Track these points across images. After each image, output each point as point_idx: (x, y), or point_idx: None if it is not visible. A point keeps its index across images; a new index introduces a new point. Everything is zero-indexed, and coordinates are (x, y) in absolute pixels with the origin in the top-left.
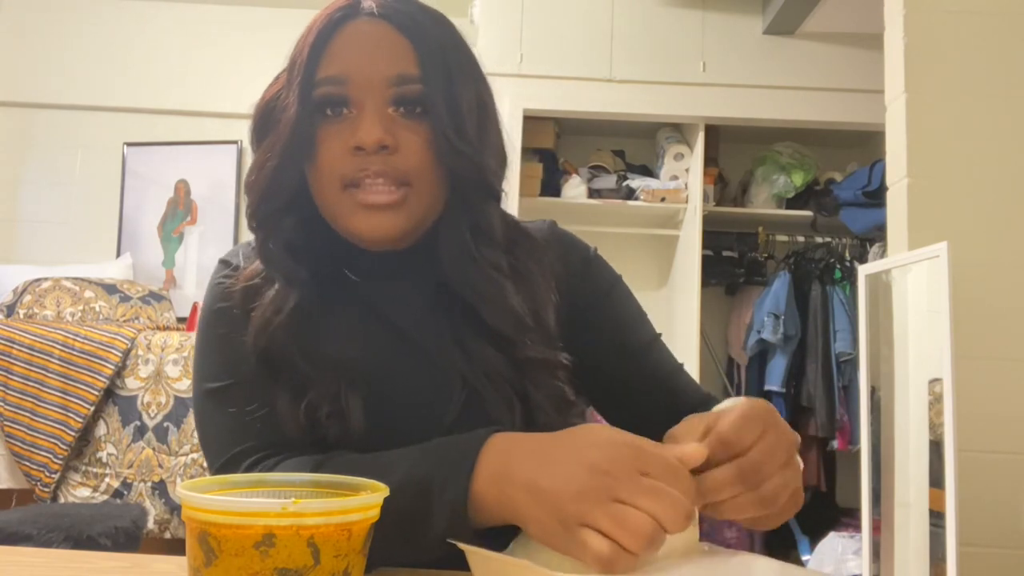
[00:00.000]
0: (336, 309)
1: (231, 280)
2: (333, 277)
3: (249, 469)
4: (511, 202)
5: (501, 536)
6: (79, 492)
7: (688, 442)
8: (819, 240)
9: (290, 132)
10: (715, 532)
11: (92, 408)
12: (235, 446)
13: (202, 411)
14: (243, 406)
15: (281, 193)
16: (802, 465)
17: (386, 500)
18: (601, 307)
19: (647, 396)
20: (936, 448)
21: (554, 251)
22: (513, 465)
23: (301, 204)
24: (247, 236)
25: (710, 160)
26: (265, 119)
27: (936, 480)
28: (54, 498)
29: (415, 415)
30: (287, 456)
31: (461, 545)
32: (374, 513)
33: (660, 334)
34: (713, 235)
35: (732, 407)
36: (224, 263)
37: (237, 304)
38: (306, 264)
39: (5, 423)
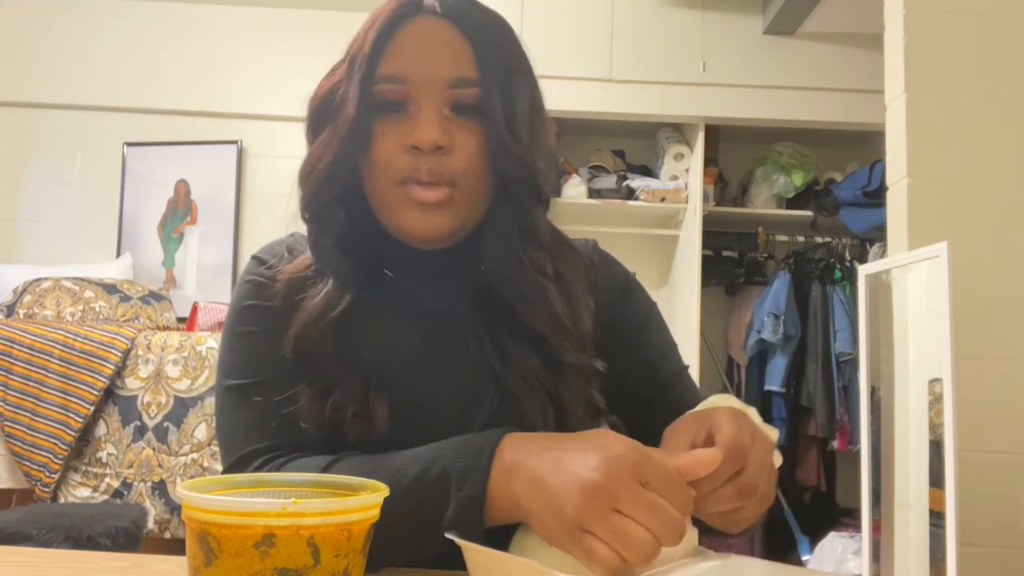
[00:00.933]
0: (374, 307)
1: (270, 275)
2: (373, 274)
3: (260, 468)
4: None
5: (499, 536)
6: (79, 492)
7: (682, 445)
8: (819, 240)
9: (349, 126)
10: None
11: (92, 408)
12: (250, 444)
13: (222, 406)
14: (263, 404)
15: (336, 185)
16: (779, 461)
17: (400, 497)
18: (637, 334)
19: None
20: (936, 448)
21: (598, 271)
22: (525, 461)
23: (352, 199)
24: (247, 236)
25: (710, 160)
26: (323, 111)
27: (936, 480)
28: (54, 498)
29: (445, 416)
30: (299, 456)
31: (459, 541)
32: (374, 513)
33: (688, 366)
34: (713, 235)
35: (721, 418)
36: (258, 260)
37: (279, 296)
38: (354, 260)
39: (5, 423)
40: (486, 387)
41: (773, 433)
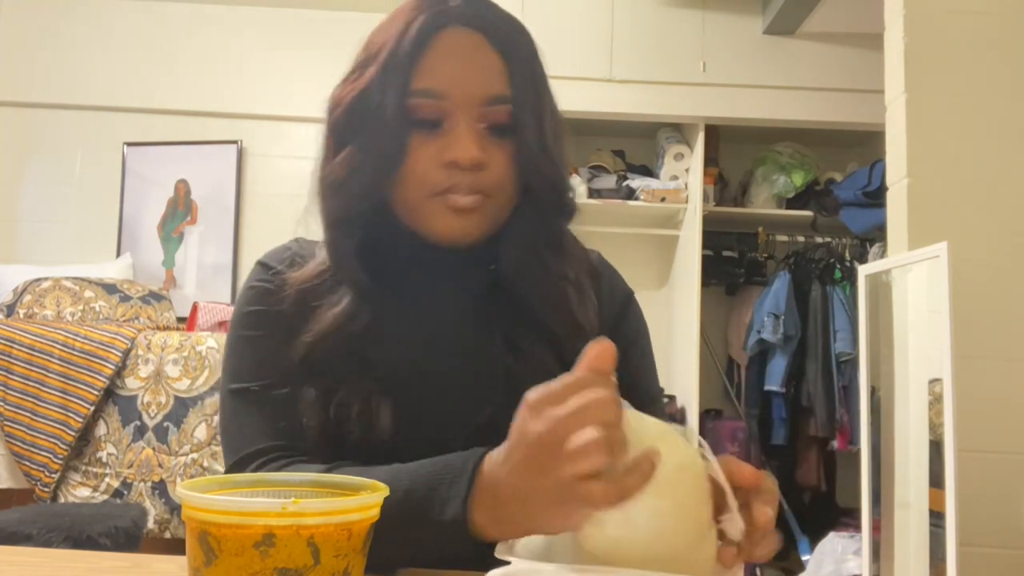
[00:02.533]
0: (385, 307)
1: (276, 281)
2: (389, 277)
3: (258, 468)
4: None
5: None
6: (79, 492)
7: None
8: (819, 240)
9: (384, 140)
10: None
11: (92, 408)
12: (250, 446)
13: (226, 409)
14: (266, 407)
15: (368, 199)
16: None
17: (387, 514)
18: (626, 351)
19: None
20: (936, 448)
21: (604, 280)
22: (499, 477)
23: (374, 207)
24: (247, 236)
25: (710, 160)
26: (350, 119)
27: (936, 480)
28: (54, 498)
29: (449, 413)
30: (297, 460)
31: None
32: (374, 513)
33: (663, 390)
34: (713, 235)
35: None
36: (264, 266)
37: (288, 303)
38: (372, 265)
39: (5, 423)
40: (496, 381)
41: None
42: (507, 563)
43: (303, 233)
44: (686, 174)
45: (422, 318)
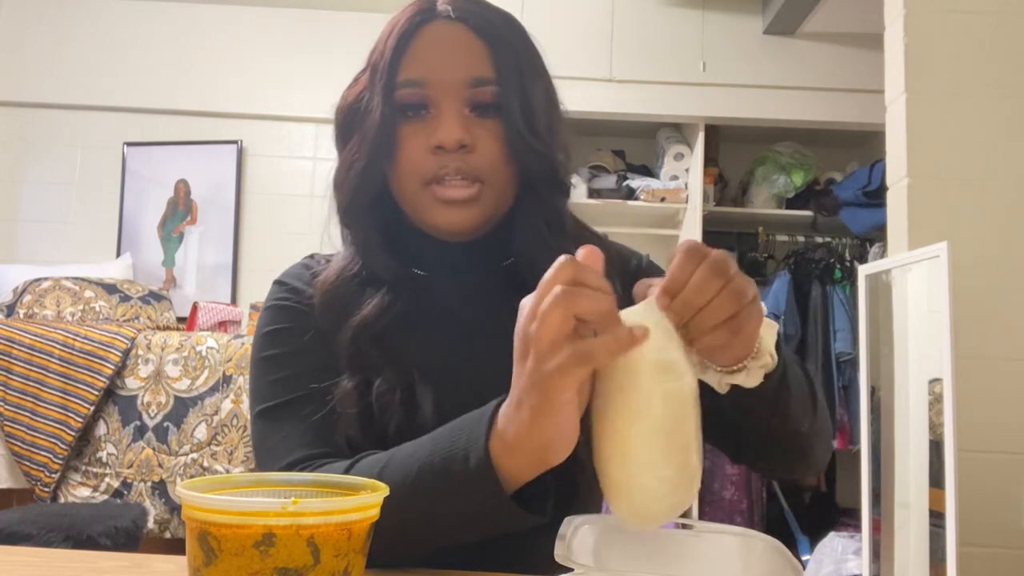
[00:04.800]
0: (413, 298)
1: (295, 298)
2: (410, 271)
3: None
4: None
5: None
6: (79, 492)
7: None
8: (819, 240)
9: (375, 133)
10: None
11: (92, 408)
12: (283, 460)
13: (256, 432)
14: (295, 422)
15: (369, 190)
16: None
17: (419, 481)
18: None
19: None
20: (936, 448)
21: (614, 262)
22: (509, 415)
23: (384, 201)
24: (247, 236)
25: (710, 160)
26: (349, 120)
27: (936, 480)
28: (54, 498)
29: (486, 400)
30: (328, 462)
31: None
32: (374, 513)
33: None
34: (713, 235)
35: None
36: (280, 284)
37: (316, 312)
38: (398, 259)
39: (5, 423)
40: None
41: (772, 327)
42: (569, 570)
43: (320, 240)
44: (686, 174)
45: (450, 310)
